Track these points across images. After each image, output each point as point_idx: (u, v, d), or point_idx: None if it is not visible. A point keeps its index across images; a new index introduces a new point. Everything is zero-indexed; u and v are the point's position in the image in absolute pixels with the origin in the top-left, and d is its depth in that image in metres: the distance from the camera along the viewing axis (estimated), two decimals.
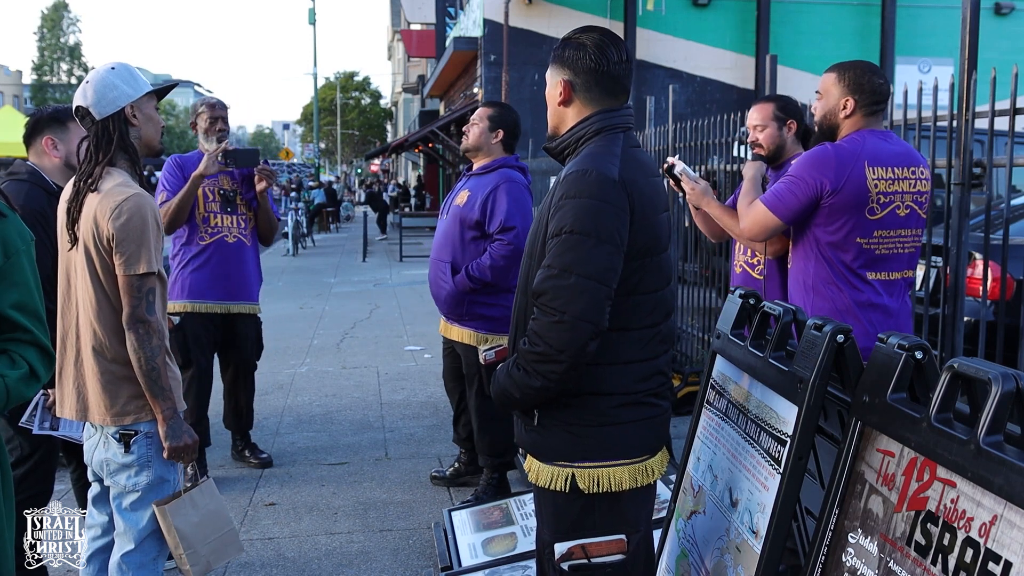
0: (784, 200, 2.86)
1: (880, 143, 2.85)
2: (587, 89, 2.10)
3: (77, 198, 2.38)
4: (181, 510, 2.44)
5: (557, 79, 2.14)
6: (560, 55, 2.13)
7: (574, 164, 2.06)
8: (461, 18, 22.61)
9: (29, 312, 1.86)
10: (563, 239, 1.97)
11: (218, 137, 4.38)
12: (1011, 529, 1.53)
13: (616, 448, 2.07)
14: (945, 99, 3.72)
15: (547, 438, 2.10)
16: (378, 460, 4.87)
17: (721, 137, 5.69)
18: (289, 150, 47.34)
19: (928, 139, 3.94)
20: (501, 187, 3.90)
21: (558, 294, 1.95)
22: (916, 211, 2.87)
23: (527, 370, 2.01)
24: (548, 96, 2.19)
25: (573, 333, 1.94)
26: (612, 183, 1.98)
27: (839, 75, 2.90)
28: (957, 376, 1.75)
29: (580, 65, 2.10)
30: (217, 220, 4.41)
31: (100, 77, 2.40)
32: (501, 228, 3.86)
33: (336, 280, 13.95)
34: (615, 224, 1.97)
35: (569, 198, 1.99)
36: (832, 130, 2.92)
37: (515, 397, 2.06)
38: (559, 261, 1.96)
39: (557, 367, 1.96)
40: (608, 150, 2.05)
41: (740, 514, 2.30)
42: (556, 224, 2.00)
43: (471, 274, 3.88)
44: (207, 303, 4.39)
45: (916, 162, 2.88)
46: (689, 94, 17.47)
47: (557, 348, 1.95)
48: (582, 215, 1.96)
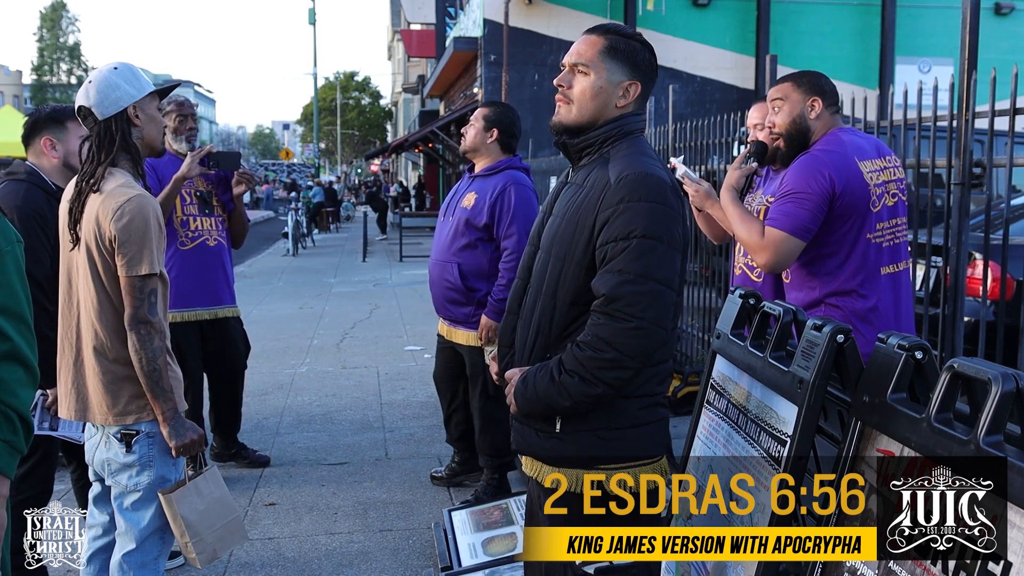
0: (800, 220, 2.78)
1: (855, 139, 2.89)
2: (644, 97, 2.10)
3: (79, 198, 2.38)
4: (187, 498, 2.44)
5: (625, 79, 2.06)
6: (631, 56, 2.06)
7: (623, 166, 2.00)
8: (461, 18, 22.61)
9: (11, 315, 1.77)
10: (635, 244, 1.93)
11: (187, 136, 4.32)
12: (1011, 529, 1.53)
13: (644, 448, 2.08)
14: (945, 99, 3.73)
15: (570, 444, 2.07)
16: (378, 460, 4.87)
17: (721, 137, 5.69)
18: (289, 150, 47.43)
19: (928, 139, 3.94)
20: (510, 189, 3.92)
21: (635, 300, 1.92)
22: (901, 199, 2.92)
23: (586, 377, 1.96)
24: (595, 89, 2.06)
25: (648, 340, 1.93)
26: (669, 187, 1.98)
27: (796, 81, 2.94)
28: (957, 376, 1.75)
29: (652, 73, 2.08)
30: (197, 223, 4.32)
31: (103, 77, 2.39)
32: (507, 234, 3.89)
33: (336, 280, 13.95)
34: (677, 228, 1.98)
35: (633, 201, 1.94)
36: (803, 134, 2.91)
37: (563, 405, 2.01)
38: (633, 266, 1.93)
39: (626, 373, 1.95)
40: (645, 153, 2.04)
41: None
42: (622, 228, 1.94)
43: (498, 302, 3.83)
44: (195, 310, 4.31)
45: (887, 151, 2.95)
46: (689, 94, 17.47)
47: (630, 354, 1.93)
48: (652, 219, 1.93)
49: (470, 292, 3.99)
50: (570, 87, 2.09)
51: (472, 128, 4.04)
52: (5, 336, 1.76)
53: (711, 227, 3.57)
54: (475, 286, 3.99)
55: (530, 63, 17.74)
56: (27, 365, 1.81)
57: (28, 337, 1.82)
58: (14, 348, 1.77)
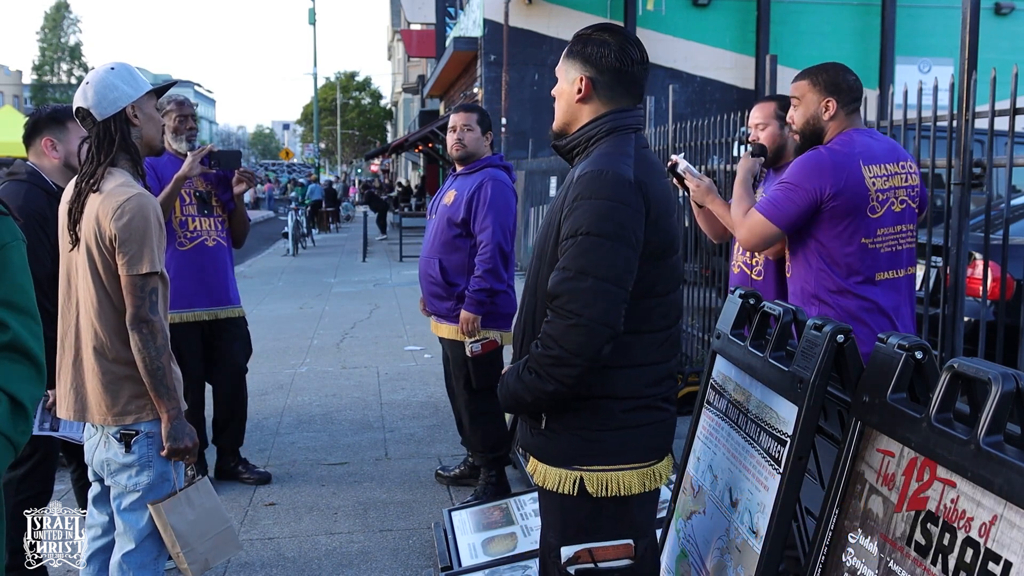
0: (782, 208, 2.84)
1: (869, 141, 2.87)
2: (608, 87, 2.07)
3: (79, 198, 2.38)
4: (177, 508, 2.44)
5: (576, 75, 2.08)
6: (581, 51, 2.08)
7: (588, 164, 2.02)
8: (461, 18, 22.61)
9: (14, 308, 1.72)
10: (579, 240, 1.93)
11: (188, 136, 4.28)
12: (1011, 529, 1.53)
13: (626, 452, 2.05)
14: (945, 99, 3.72)
15: (555, 442, 2.07)
16: (378, 460, 4.87)
17: (721, 137, 5.70)
18: (289, 150, 47.38)
19: (928, 139, 3.94)
20: (486, 185, 3.99)
21: (574, 297, 1.91)
22: (910, 205, 2.90)
23: (540, 374, 1.98)
24: (561, 92, 2.13)
25: (590, 337, 1.91)
26: (628, 184, 1.95)
27: (812, 80, 2.91)
28: (957, 376, 1.75)
29: (604, 63, 2.06)
30: (196, 224, 4.27)
31: (100, 78, 2.39)
32: (481, 227, 3.95)
33: (336, 280, 13.94)
34: (632, 225, 1.94)
35: (584, 199, 1.95)
36: (817, 134, 2.92)
37: (526, 401, 2.04)
38: (575, 263, 1.93)
39: (572, 371, 1.94)
40: (621, 150, 2.02)
41: (740, 514, 2.30)
42: (571, 225, 1.95)
43: (475, 293, 3.95)
44: (195, 311, 4.25)
45: (903, 156, 2.92)
46: (689, 94, 17.48)
47: (573, 352, 1.92)
48: (599, 216, 1.92)
49: (451, 287, 4.06)
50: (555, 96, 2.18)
51: (469, 134, 4.08)
52: (5, 327, 1.71)
53: (711, 225, 3.57)
54: (455, 281, 4.06)
55: (530, 63, 17.75)
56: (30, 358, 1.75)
57: (34, 331, 1.77)
58: (15, 339, 1.72)
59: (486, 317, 4.00)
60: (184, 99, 4.37)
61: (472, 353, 3.94)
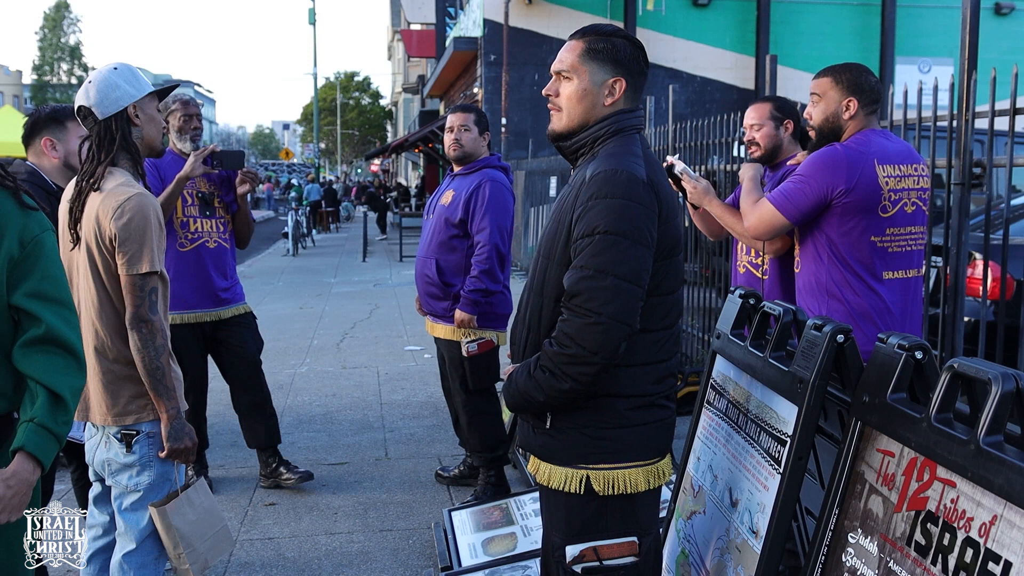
0: (793, 200, 2.86)
1: (884, 142, 2.89)
2: (633, 90, 2.09)
3: (79, 198, 2.38)
4: (180, 510, 2.44)
5: (609, 77, 2.06)
6: (612, 53, 2.06)
7: (599, 164, 2.02)
8: (461, 18, 22.62)
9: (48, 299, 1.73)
10: (596, 239, 1.94)
11: (192, 136, 4.25)
12: (1011, 529, 1.53)
13: (632, 450, 2.06)
14: (945, 99, 3.73)
15: (560, 441, 2.08)
16: (378, 460, 4.87)
17: (721, 137, 5.69)
18: (289, 150, 47.32)
19: (928, 139, 3.94)
20: (484, 186, 3.99)
21: (593, 295, 1.92)
22: (921, 207, 2.91)
23: (554, 372, 1.98)
24: (582, 92, 2.07)
25: (608, 335, 1.92)
26: (642, 183, 1.96)
27: (835, 78, 2.92)
28: (957, 376, 1.75)
29: (635, 66, 2.08)
30: (197, 225, 4.23)
31: (103, 77, 2.40)
32: (479, 228, 3.96)
33: (336, 280, 13.95)
34: (646, 224, 1.96)
35: (599, 198, 1.95)
36: (835, 132, 2.93)
37: (538, 400, 2.03)
38: (593, 262, 1.93)
39: (589, 369, 1.95)
40: (630, 150, 2.03)
41: (740, 514, 2.30)
42: (587, 224, 1.96)
43: (470, 293, 3.95)
44: (195, 312, 4.21)
45: (917, 159, 2.93)
46: (689, 94, 17.49)
47: (591, 350, 1.93)
48: (615, 215, 1.93)
49: (447, 287, 4.07)
50: (557, 95, 2.12)
51: (467, 134, 4.08)
52: (38, 320, 1.71)
53: (707, 224, 3.58)
54: (452, 281, 4.07)
55: (530, 63, 17.74)
56: (67, 348, 1.74)
57: (70, 320, 1.76)
58: (49, 331, 1.72)
59: (482, 317, 4.00)
60: (189, 98, 4.35)
61: (468, 353, 3.94)
